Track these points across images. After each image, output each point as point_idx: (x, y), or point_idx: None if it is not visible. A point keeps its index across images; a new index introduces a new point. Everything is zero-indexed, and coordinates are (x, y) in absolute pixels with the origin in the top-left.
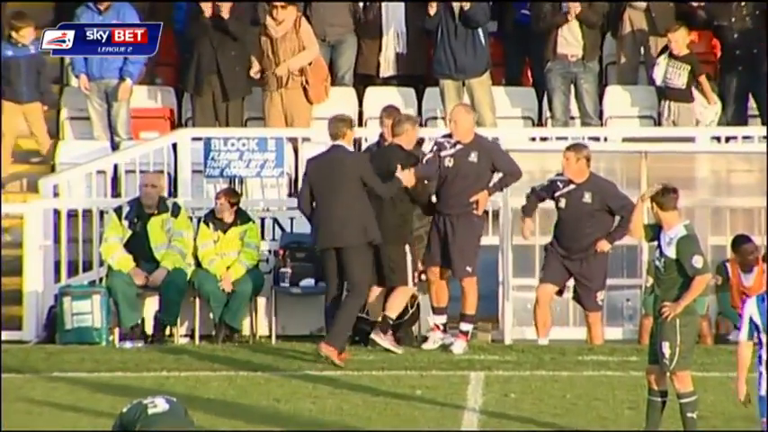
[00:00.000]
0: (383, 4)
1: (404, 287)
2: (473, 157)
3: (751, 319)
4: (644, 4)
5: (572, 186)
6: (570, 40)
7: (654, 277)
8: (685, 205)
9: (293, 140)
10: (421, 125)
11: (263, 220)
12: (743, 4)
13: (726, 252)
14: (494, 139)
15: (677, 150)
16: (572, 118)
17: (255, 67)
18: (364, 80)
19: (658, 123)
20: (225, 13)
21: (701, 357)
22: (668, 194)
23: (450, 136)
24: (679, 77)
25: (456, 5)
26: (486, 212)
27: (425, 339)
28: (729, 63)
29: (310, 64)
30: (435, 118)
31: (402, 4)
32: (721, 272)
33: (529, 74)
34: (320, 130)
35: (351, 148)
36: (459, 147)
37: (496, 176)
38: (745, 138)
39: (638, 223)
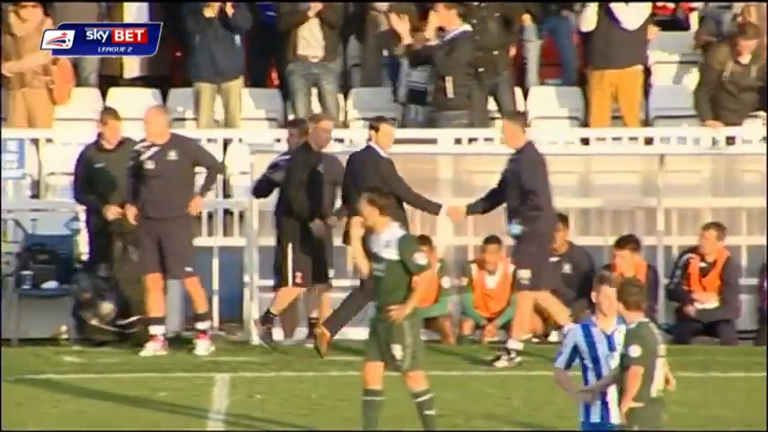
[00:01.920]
0: (125, 4)
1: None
2: (173, 155)
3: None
4: (386, 6)
5: (156, 148)
6: (311, 41)
7: (374, 283)
8: None
9: (36, 141)
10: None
11: (3, 221)
12: (483, 5)
13: (468, 253)
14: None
15: (420, 152)
16: None
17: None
18: (109, 81)
19: (403, 125)
20: None
21: (442, 356)
22: (387, 198)
23: (144, 140)
24: (422, 79)
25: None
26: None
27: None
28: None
29: (54, 63)
30: (183, 119)
31: (146, 4)
32: (466, 272)
33: (274, 75)
34: (63, 131)
35: (380, 150)
36: (156, 148)
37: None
38: (486, 140)
39: (360, 253)
